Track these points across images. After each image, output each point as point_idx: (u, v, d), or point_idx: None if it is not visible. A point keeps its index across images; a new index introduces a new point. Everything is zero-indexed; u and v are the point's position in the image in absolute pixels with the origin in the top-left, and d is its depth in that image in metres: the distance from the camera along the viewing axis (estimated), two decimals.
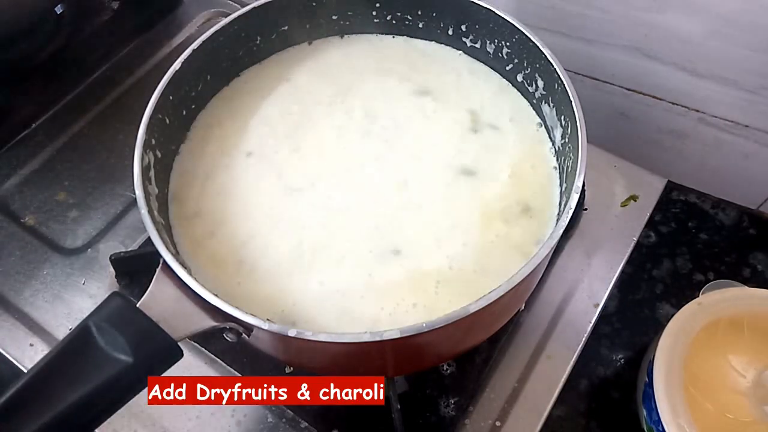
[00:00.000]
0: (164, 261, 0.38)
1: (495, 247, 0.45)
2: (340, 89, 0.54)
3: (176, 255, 0.41)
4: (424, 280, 0.44)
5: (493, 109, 0.53)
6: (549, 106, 0.50)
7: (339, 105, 0.53)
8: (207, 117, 0.53)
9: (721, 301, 0.51)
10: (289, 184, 0.49)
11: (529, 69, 0.51)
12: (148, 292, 0.38)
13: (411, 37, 0.57)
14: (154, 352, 0.36)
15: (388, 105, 0.53)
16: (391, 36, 0.58)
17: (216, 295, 0.37)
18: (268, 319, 0.36)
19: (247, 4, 0.52)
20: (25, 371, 0.34)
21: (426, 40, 0.57)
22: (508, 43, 0.51)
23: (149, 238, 0.39)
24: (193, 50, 0.49)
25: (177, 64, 0.48)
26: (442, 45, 0.57)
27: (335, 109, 0.53)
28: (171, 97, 0.48)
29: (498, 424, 0.52)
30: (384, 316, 0.42)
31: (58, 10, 0.76)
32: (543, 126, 0.51)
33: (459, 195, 0.48)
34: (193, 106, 0.52)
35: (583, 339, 0.55)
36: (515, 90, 0.54)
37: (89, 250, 0.61)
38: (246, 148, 0.51)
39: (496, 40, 0.52)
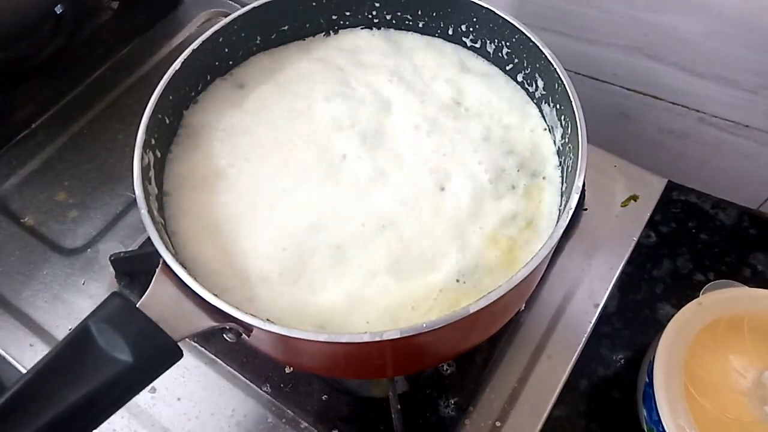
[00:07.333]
0: (164, 261, 0.38)
1: (496, 262, 0.45)
2: (340, 88, 0.54)
3: (176, 255, 0.41)
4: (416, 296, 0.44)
5: None
6: (549, 106, 0.50)
7: (339, 104, 0.53)
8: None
9: (722, 301, 0.51)
10: (288, 183, 0.49)
11: (529, 69, 0.51)
12: (147, 292, 0.38)
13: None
14: (154, 353, 0.36)
15: (388, 104, 0.53)
16: (402, 33, 0.57)
17: (216, 295, 0.37)
18: (267, 319, 0.36)
19: (247, 4, 0.52)
20: (25, 371, 0.34)
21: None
22: (508, 43, 0.51)
23: (149, 238, 0.39)
24: (193, 50, 0.49)
25: (177, 64, 0.48)
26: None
27: (336, 107, 0.53)
28: (171, 97, 0.48)
29: (498, 424, 0.52)
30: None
31: (58, 10, 0.76)
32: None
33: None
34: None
35: (584, 339, 0.55)
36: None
37: (89, 250, 0.61)
38: (246, 147, 0.51)
39: (496, 40, 0.52)
